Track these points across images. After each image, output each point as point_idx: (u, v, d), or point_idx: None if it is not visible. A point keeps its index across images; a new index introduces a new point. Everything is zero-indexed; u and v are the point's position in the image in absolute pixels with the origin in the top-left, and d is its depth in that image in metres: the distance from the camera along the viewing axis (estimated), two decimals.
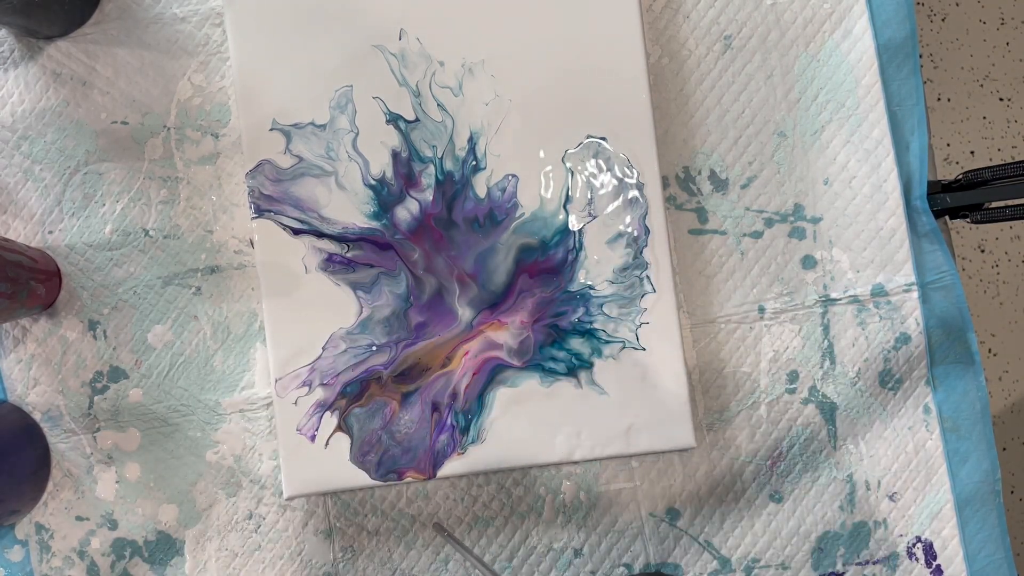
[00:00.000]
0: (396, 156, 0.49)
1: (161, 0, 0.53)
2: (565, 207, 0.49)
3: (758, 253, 0.52)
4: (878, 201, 0.52)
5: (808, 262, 0.52)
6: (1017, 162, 0.50)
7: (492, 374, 0.49)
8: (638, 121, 0.49)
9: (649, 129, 0.49)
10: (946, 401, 0.52)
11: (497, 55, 0.49)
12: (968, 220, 0.52)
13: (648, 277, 0.49)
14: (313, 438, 0.48)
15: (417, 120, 0.49)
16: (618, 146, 0.49)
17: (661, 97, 0.53)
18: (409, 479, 0.48)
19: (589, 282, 0.49)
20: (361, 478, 0.48)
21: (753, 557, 0.52)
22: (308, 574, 0.52)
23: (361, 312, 0.49)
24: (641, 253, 0.49)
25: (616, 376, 0.48)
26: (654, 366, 0.48)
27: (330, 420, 0.48)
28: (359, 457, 0.48)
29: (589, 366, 0.48)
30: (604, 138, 0.49)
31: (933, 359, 0.52)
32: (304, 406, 0.48)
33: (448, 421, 0.48)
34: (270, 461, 0.52)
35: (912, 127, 0.52)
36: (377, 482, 0.48)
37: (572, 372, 0.48)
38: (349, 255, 0.49)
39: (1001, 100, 1.22)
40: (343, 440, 0.48)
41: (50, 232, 0.53)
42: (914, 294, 0.51)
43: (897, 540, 0.52)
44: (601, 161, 0.49)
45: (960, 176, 0.52)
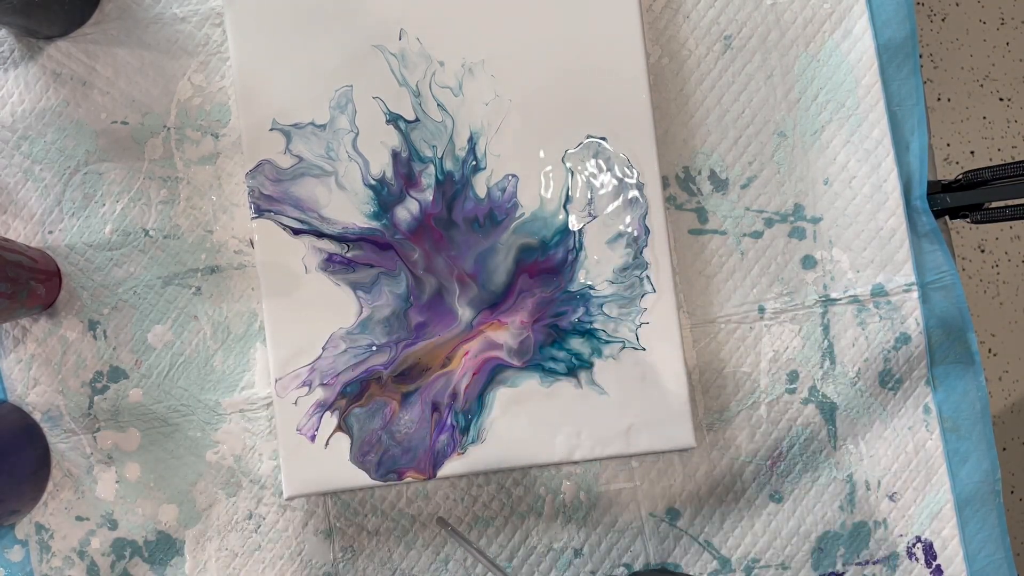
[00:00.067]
0: (396, 156, 0.49)
1: (161, 0, 0.53)
2: (565, 207, 0.49)
3: (758, 253, 0.52)
4: (878, 201, 0.52)
5: (808, 262, 0.52)
6: (1017, 162, 0.50)
7: (492, 374, 0.49)
8: (638, 121, 0.49)
9: (649, 129, 0.49)
10: (946, 401, 0.52)
11: (497, 55, 0.49)
12: (968, 220, 0.52)
13: (648, 277, 0.49)
14: (313, 438, 0.48)
15: (417, 120, 0.49)
16: (618, 146, 0.49)
17: (661, 97, 0.53)
18: (409, 479, 0.48)
19: (589, 282, 0.49)
20: (361, 478, 0.48)
21: (753, 557, 0.52)
22: (308, 574, 0.52)
23: (361, 312, 0.49)
24: (641, 253, 0.49)
25: (616, 376, 0.48)
26: (654, 366, 0.48)
27: (330, 420, 0.48)
28: (359, 457, 0.48)
29: (589, 366, 0.48)
30: (604, 138, 0.49)
31: (933, 359, 0.52)
32: (304, 406, 0.48)
33: (448, 421, 0.48)
34: (270, 461, 0.52)
35: (912, 127, 0.52)
36: (377, 482, 0.48)
37: (572, 372, 0.48)
38: (349, 255, 0.49)
39: (1001, 100, 1.22)
40: (343, 440, 0.48)
41: (50, 232, 0.53)
42: (914, 294, 0.52)
43: (897, 540, 0.52)
44: (601, 161, 0.49)
45: (960, 176, 0.52)
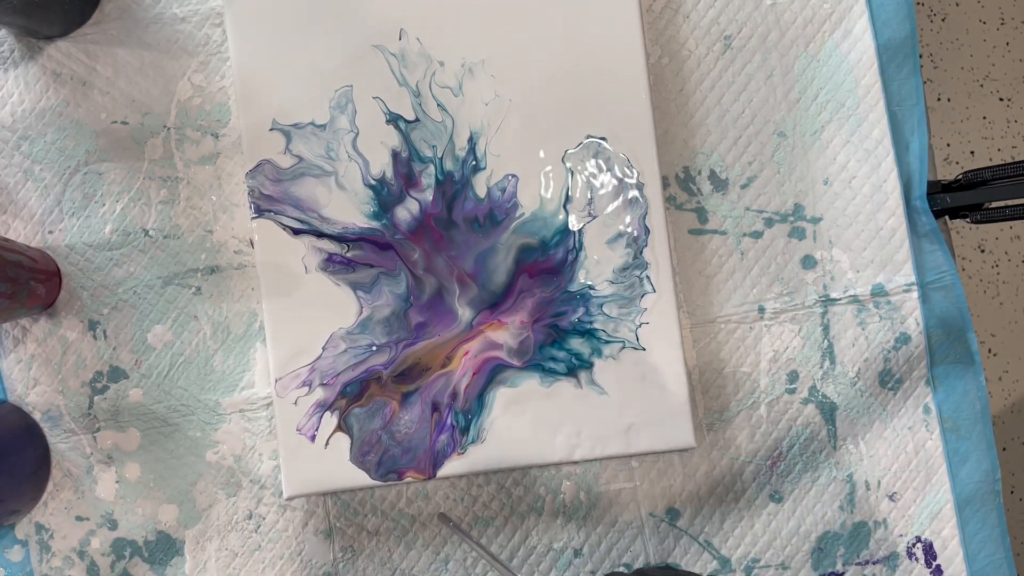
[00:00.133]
0: (396, 156, 0.49)
1: (161, 0, 0.53)
2: (565, 207, 0.49)
3: (758, 253, 0.52)
4: (878, 201, 0.52)
5: (808, 262, 0.52)
6: (1017, 162, 0.50)
7: (492, 374, 0.49)
8: (638, 121, 0.49)
9: (649, 129, 0.49)
10: (946, 401, 0.52)
11: (497, 55, 0.49)
12: (968, 220, 0.52)
13: (648, 277, 0.49)
14: (313, 438, 0.48)
15: (417, 120, 0.49)
16: (618, 146, 0.49)
17: (661, 97, 0.53)
18: (409, 479, 0.48)
19: (589, 282, 0.49)
20: (361, 478, 0.48)
21: (753, 557, 0.52)
22: (308, 574, 0.52)
23: (361, 312, 0.49)
24: (641, 253, 0.49)
25: (616, 376, 0.48)
26: (654, 366, 0.48)
27: (330, 420, 0.48)
28: (359, 457, 0.48)
29: (589, 366, 0.48)
30: (604, 138, 0.49)
31: (933, 359, 0.52)
32: (304, 406, 0.48)
33: (448, 421, 0.48)
34: (270, 461, 0.52)
35: (912, 127, 0.52)
36: (377, 482, 0.48)
37: (572, 372, 0.48)
38: (349, 255, 0.49)
39: (1001, 100, 1.22)
40: (343, 440, 0.48)
41: (50, 232, 0.53)
42: (914, 294, 0.51)
43: (897, 540, 0.52)
44: (601, 161, 0.49)
45: (960, 176, 0.52)
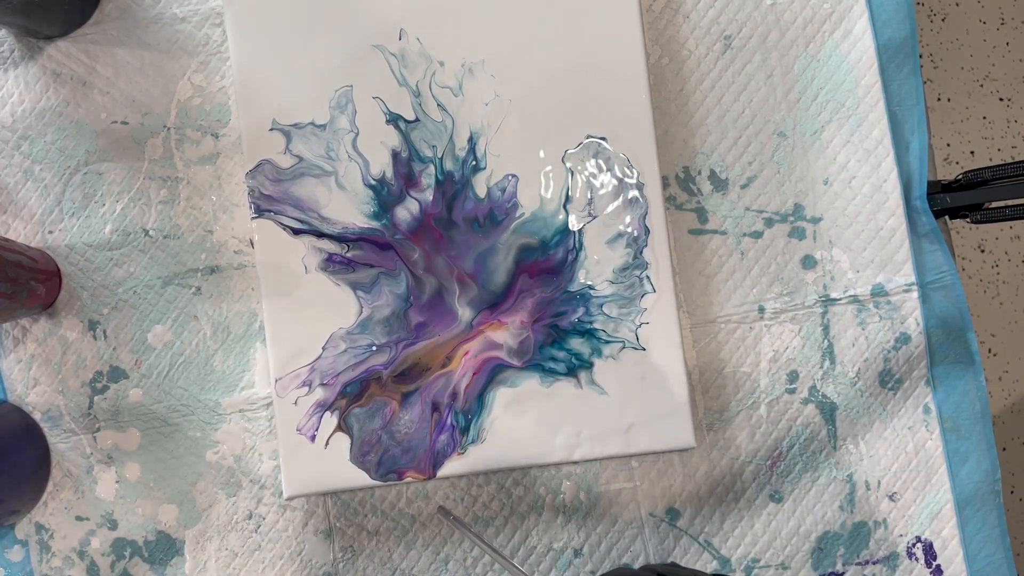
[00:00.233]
0: (396, 156, 0.49)
1: (161, 0, 0.53)
2: (565, 207, 0.49)
3: (758, 253, 0.52)
4: (878, 201, 0.52)
5: (808, 262, 0.52)
6: (1017, 162, 0.50)
7: (492, 374, 0.49)
8: (638, 121, 0.49)
9: (649, 129, 0.49)
10: (946, 401, 0.52)
11: (497, 55, 0.49)
12: (968, 220, 0.52)
13: (648, 277, 0.49)
14: (313, 438, 0.48)
15: (417, 120, 0.49)
16: (618, 146, 0.49)
17: (661, 97, 0.53)
18: (409, 479, 0.48)
19: (589, 282, 0.49)
20: (361, 478, 0.48)
21: (753, 557, 0.52)
22: (308, 574, 0.52)
23: (361, 312, 0.49)
24: (641, 253, 0.49)
25: (616, 376, 0.48)
26: (654, 366, 0.48)
27: (330, 420, 0.48)
28: (359, 457, 0.48)
29: (589, 366, 0.48)
30: (604, 138, 0.49)
31: (933, 359, 0.52)
32: (304, 406, 0.48)
33: (448, 421, 0.48)
34: (270, 461, 0.52)
35: (912, 127, 0.52)
36: (377, 482, 0.48)
37: (572, 372, 0.48)
38: (349, 255, 0.49)
39: (1001, 100, 1.22)
40: (343, 440, 0.48)
41: (50, 232, 0.53)
42: (914, 294, 0.51)
43: (897, 540, 0.52)
44: (601, 161, 0.49)
45: (960, 176, 0.52)
